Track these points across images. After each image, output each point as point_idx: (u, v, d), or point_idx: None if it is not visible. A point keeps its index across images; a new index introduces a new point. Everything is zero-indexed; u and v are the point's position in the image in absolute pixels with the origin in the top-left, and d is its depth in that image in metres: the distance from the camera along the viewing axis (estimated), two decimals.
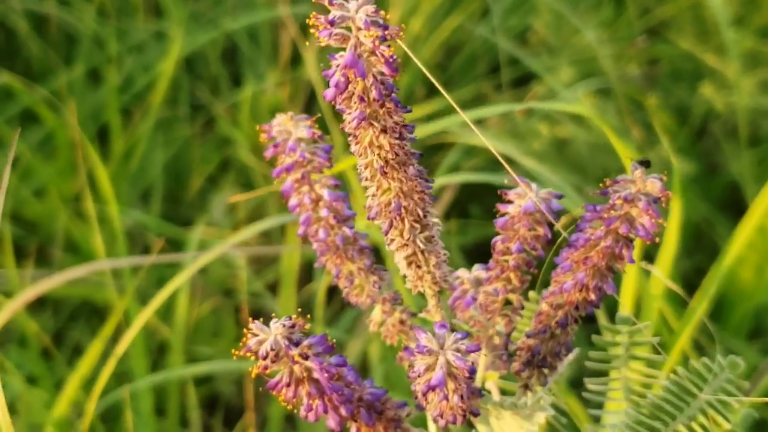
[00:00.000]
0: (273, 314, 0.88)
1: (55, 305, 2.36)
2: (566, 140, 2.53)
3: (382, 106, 0.91)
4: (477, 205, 2.54)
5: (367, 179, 0.96)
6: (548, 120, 2.53)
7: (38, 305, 2.35)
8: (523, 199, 1.01)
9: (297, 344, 0.86)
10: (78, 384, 1.69)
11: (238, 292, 2.32)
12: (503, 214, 1.02)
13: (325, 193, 1.08)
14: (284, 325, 0.85)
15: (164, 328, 2.11)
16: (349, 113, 0.92)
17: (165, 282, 2.34)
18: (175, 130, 2.66)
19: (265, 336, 0.86)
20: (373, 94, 0.90)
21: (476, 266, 1.09)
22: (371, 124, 0.92)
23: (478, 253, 2.43)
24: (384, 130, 0.92)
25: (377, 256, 1.34)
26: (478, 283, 1.08)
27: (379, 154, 0.93)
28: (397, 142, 0.93)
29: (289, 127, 1.07)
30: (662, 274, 1.52)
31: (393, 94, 0.91)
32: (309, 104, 2.59)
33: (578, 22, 2.64)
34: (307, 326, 0.87)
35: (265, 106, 2.62)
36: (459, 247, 2.40)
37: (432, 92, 2.79)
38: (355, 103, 0.90)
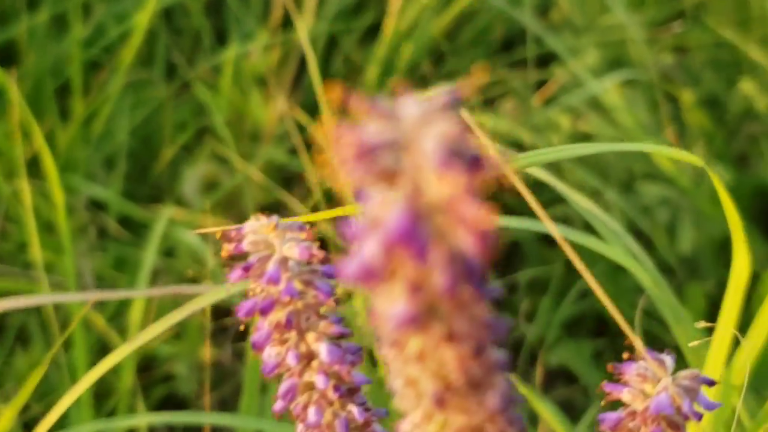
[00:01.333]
0: None
1: None
2: (588, 135, 2.22)
3: (452, 295, 0.43)
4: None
5: (406, 398, 0.48)
6: (570, 112, 2.22)
7: None
8: (651, 385, 0.60)
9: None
10: None
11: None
12: (613, 403, 0.61)
13: (322, 350, 0.64)
14: None
15: (114, 330, 1.82)
16: (383, 301, 0.43)
17: (124, 266, 2.05)
18: (147, 91, 2.35)
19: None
20: (440, 281, 0.41)
21: None
22: (425, 327, 0.44)
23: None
24: (450, 337, 0.44)
25: None
26: None
27: (437, 373, 0.46)
28: (472, 357, 0.45)
29: (271, 239, 0.63)
30: None
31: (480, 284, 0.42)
32: (299, 76, 2.28)
33: None
34: None
35: (249, 71, 2.31)
36: None
37: (437, 62, 2.47)
38: (399, 289, 0.42)
